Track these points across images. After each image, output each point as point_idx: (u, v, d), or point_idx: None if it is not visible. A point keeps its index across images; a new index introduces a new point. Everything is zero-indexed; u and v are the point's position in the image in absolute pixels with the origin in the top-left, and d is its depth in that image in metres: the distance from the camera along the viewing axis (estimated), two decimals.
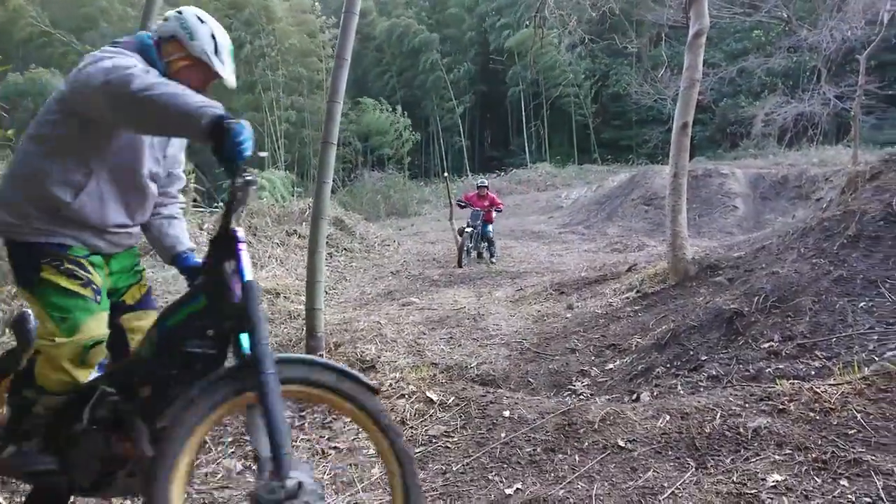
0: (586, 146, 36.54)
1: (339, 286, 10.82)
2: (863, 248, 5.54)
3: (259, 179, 15.38)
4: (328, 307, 8.92)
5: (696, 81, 6.76)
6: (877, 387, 2.80)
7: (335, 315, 7.91)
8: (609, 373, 5.40)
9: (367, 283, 11.15)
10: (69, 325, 2.07)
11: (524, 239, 17.11)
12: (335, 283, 11.02)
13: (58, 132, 2.14)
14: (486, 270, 11.50)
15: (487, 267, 12.03)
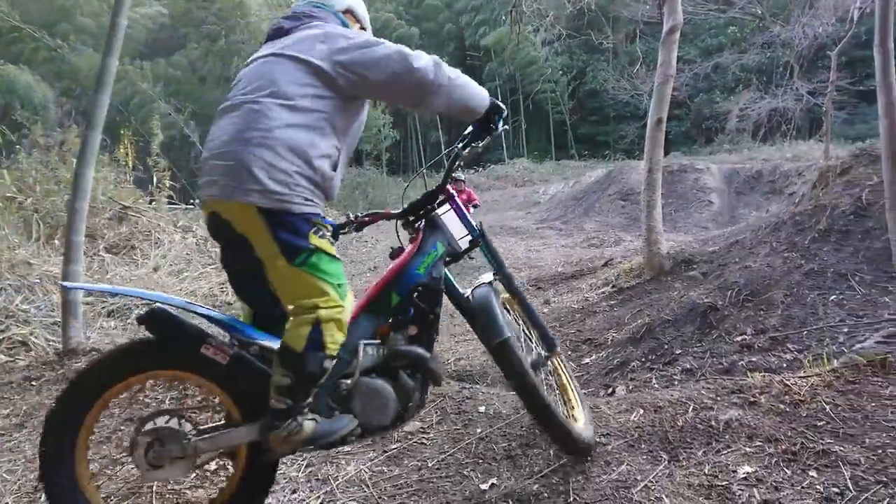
0: (563, 142, 36.69)
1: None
2: (833, 241, 5.63)
3: None
4: None
5: (671, 77, 6.81)
6: (845, 379, 2.84)
7: None
8: (585, 367, 5.43)
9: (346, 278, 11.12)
10: (343, 289, 2.24)
11: (502, 234, 17.12)
12: None
13: (318, 106, 2.21)
14: (464, 265, 11.48)
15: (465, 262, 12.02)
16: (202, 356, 2.16)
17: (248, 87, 2.26)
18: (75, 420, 2.15)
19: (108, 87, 5.04)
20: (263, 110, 2.18)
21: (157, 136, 12.55)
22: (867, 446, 2.42)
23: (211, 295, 7.89)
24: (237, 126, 2.19)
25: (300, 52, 2.25)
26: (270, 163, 2.12)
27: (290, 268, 2.16)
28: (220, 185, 2.18)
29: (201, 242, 9.31)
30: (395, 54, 2.23)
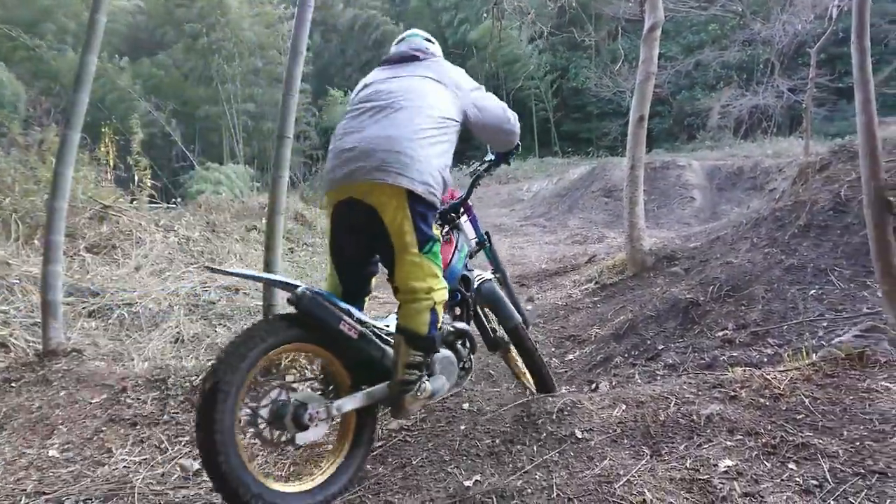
0: (547, 139, 36.72)
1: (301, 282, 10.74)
2: (813, 237, 5.69)
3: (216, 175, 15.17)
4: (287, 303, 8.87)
5: (652, 74, 6.85)
6: (824, 372, 2.88)
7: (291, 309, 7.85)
8: (569, 364, 5.45)
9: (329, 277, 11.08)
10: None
11: None
12: (296, 278, 10.91)
13: (450, 126, 2.79)
14: None
15: None
16: (339, 331, 2.58)
17: (397, 96, 2.74)
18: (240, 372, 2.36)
19: (88, 85, 4.99)
20: (416, 118, 2.66)
21: (137, 134, 12.45)
22: (845, 439, 2.45)
23: (193, 294, 7.83)
24: (394, 123, 2.66)
25: (447, 81, 2.86)
26: (423, 160, 2.60)
27: (419, 255, 2.62)
28: (372, 168, 2.57)
29: (183, 242, 9.25)
30: (502, 107, 3.11)
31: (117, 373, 4.51)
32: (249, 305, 7.76)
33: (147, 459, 3.32)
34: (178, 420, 3.74)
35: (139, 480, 3.02)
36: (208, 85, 28.57)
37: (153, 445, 3.47)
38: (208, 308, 7.58)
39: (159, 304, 7.28)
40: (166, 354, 6.23)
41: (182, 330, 6.82)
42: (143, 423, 3.73)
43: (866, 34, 3.49)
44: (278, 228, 3.96)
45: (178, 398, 3.98)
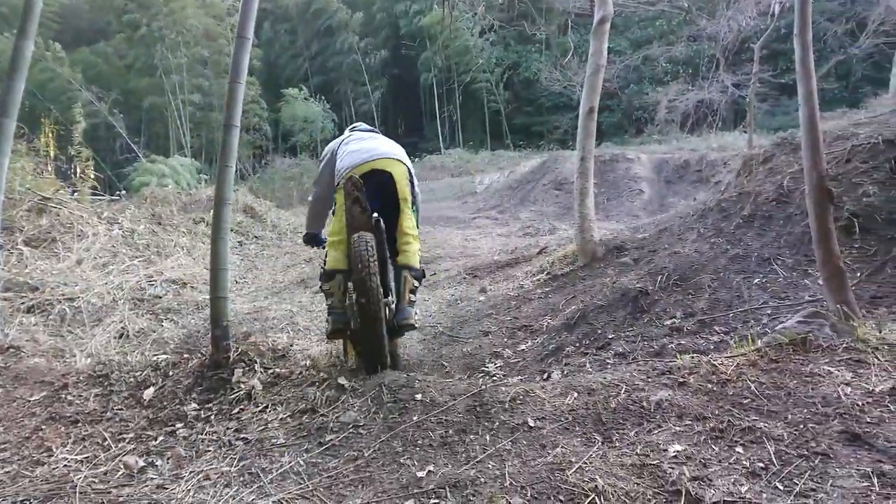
0: (499, 132, 36.92)
1: (250, 275, 10.54)
2: (757, 227, 5.83)
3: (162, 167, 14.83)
4: (238, 296, 8.70)
5: (601, 67, 6.91)
6: (769, 357, 2.94)
7: (246, 304, 7.72)
8: (521, 353, 5.48)
9: (280, 271, 10.90)
10: None
11: (439, 225, 17.15)
12: (246, 271, 10.74)
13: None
14: None
15: None
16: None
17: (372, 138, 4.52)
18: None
19: (23, 71, 4.79)
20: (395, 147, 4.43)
21: (79, 124, 12.05)
22: (789, 422, 2.50)
23: (139, 288, 7.63)
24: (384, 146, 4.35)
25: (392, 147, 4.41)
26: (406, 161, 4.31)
27: (410, 210, 4.17)
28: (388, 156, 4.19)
29: (127, 235, 8.99)
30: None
31: (58, 369, 4.35)
32: (197, 299, 7.59)
33: (89, 458, 3.20)
34: (122, 417, 3.62)
35: (80, 479, 2.91)
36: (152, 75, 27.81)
37: (95, 443, 3.34)
38: (154, 302, 7.39)
39: (102, 298, 7.07)
40: (110, 350, 6.05)
41: (127, 325, 6.63)
42: (85, 420, 3.60)
43: (808, 29, 3.56)
44: (225, 219, 3.85)
45: (121, 394, 3.85)
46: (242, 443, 3.10)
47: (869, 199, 5.28)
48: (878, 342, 2.87)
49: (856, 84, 29.78)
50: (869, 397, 2.54)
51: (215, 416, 3.40)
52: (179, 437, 3.24)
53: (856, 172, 5.56)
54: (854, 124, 6.71)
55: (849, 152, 5.78)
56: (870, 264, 4.94)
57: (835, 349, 2.89)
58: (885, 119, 6.55)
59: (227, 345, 3.78)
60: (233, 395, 3.53)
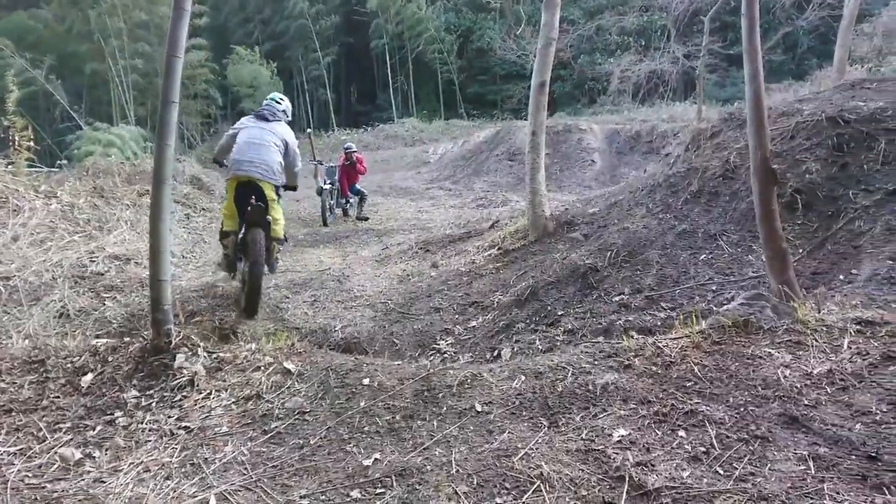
0: (452, 101, 36.66)
1: (198, 249, 10.27)
2: (704, 203, 5.90)
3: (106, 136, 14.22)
4: (186, 272, 8.49)
5: (553, 40, 6.85)
6: (712, 340, 2.98)
7: (193, 281, 7.52)
8: (472, 330, 5.48)
9: None
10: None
11: (392, 195, 17.01)
12: (193, 245, 10.46)
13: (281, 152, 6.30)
14: (353, 229, 11.33)
15: (354, 225, 11.87)
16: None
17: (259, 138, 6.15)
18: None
19: None
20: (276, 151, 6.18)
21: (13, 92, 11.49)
22: (731, 405, 2.54)
23: (80, 265, 7.36)
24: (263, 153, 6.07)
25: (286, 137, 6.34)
26: (275, 169, 6.09)
27: (276, 204, 6.11)
28: (259, 171, 5.99)
29: (67, 209, 8.64)
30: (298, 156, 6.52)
31: None
32: (141, 276, 7.36)
33: (23, 450, 3.07)
34: (59, 405, 3.48)
35: (13, 473, 2.80)
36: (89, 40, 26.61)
37: (30, 434, 3.21)
38: (96, 280, 7.14)
39: (41, 276, 6.81)
40: (49, 331, 5.83)
41: (67, 304, 6.40)
42: (19, 409, 3.45)
43: (755, 7, 3.56)
44: (164, 198, 3.70)
45: (58, 381, 3.70)
46: (184, 432, 3.02)
47: (811, 177, 5.38)
48: (817, 324, 2.93)
49: (802, 56, 30.40)
50: (807, 379, 2.60)
51: (156, 403, 3.30)
52: (119, 426, 3.13)
53: (800, 149, 5.66)
54: (799, 100, 6.83)
55: (793, 129, 5.87)
56: (811, 241, 5.06)
57: (775, 331, 2.94)
58: (828, 96, 6.67)
59: (168, 329, 3.66)
60: (175, 381, 3.42)
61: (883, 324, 2.84)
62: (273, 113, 6.42)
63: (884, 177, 5.19)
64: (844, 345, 2.76)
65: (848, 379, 2.54)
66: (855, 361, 2.63)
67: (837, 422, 2.35)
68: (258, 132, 6.16)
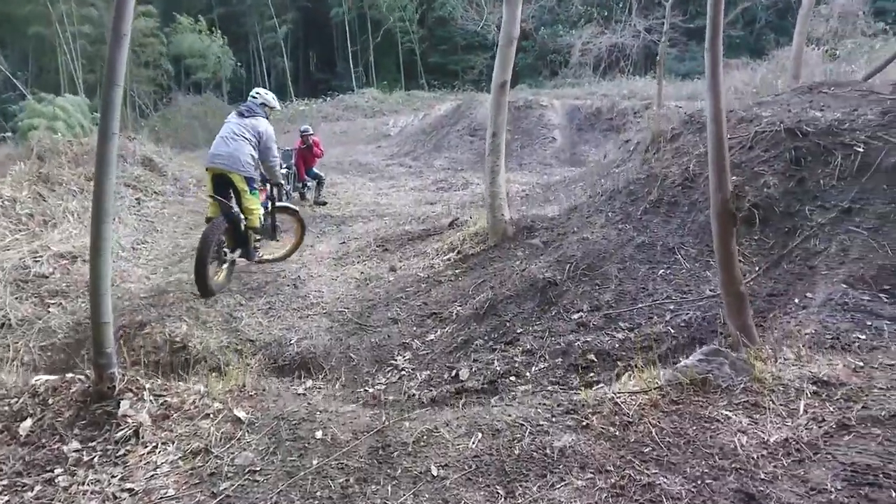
0: (413, 71, 36.11)
1: (150, 239, 9.97)
2: (663, 213, 5.89)
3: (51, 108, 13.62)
4: (136, 266, 8.25)
5: (515, 39, 6.70)
6: (670, 398, 2.95)
7: (143, 282, 7.29)
8: (430, 345, 5.42)
9: (181, 233, 10.36)
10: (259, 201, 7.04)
11: (351, 173, 16.73)
12: (145, 234, 10.14)
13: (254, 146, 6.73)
14: (311, 215, 11.10)
15: (312, 210, 11.63)
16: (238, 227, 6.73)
17: (229, 133, 6.64)
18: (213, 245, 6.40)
19: None
20: (244, 144, 6.61)
21: None
22: (688, 477, 2.52)
23: (22, 267, 7.06)
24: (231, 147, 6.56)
25: (259, 129, 6.75)
26: (242, 161, 6.54)
27: (249, 194, 6.67)
28: (225, 163, 6.53)
29: (8, 204, 8.26)
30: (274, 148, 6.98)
31: None
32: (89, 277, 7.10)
33: None
34: None
35: None
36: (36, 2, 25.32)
37: None
38: (40, 283, 6.87)
39: None
40: None
41: (8, 312, 6.15)
42: None
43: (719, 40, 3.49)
44: (105, 234, 3.49)
45: None
46: (128, 495, 2.90)
47: (769, 191, 5.40)
48: (774, 382, 2.92)
49: (760, 31, 30.60)
50: (764, 449, 2.59)
51: (99, 458, 3.15)
52: (59, 486, 2.99)
53: (758, 161, 5.66)
54: (758, 103, 6.83)
55: (752, 139, 5.86)
56: (767, 258, 5.09)
57: (733, 390, 2.92)
58: (786, 100, 6.68)
59: (112, 373, 3.49)
60: (119, 431, 3.28)
61: (839, 385, 2.84)
62: (249, 108, 6.87)
63: (839, 193, 5.22)
64: (801, 408, 2.76)
65: (804, 450, 2.54)
66: (811, 429, 2.63)
67: (793, 500, 2.34)
68: (231, 127, 6.70)
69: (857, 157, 5.31)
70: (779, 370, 3.03)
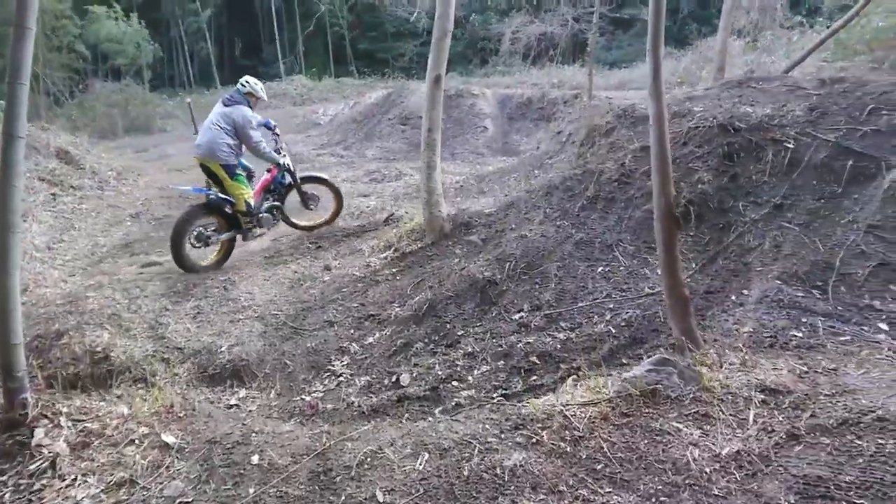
0: (343, 58, 35.49)
1: (67, 238, 9.42)
2: (600, 209, 5.88)
3: None
4: (52, 268, 7.79)
5: (449, 31, 6.57)
6: (620, 410, 2.89)
7: (58, 287, 6.85)
8: (369, 348, 5.25)
9: (101, 231, 9.85)
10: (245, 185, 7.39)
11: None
12: (61, 233, 9.59)
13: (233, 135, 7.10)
14: None
15: None
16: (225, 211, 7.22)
17: (208, 123, 7.06)
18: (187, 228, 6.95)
19: None
20: (219, 132, 6.97)
21: None
22: (642, 495, 2.47)
23: None
24: (207, 136, 6.99)
25: (234, 117, 7.02)
26: (218, 149, 6.94)
27: (230, 180, 7.13)
28: (201, 153, 7.02)
29: None
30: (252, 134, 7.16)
31: None
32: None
33: None
34: None
35: None
36: None
37: None
38: None
39: None
40: None
41: None
42: None
43: (660, 44, 3.44)
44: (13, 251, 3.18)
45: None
46: None
47: (703, 187, 5.44)
48: (723, 391, 2.90)
49: (683, 20, 31.35)
50: (716, 462, 2.56)
51: (11, 494, 2.88)
52: None
53: (692, 157, 5.70)
54: (689, 98, 6.89)
55: (685, 134, 5.90)
56: (703, 254, 5.13)
57: (682, 400, 2.89)
58: (716, 94, 6.76)
59: (24, 399, 3.20)
60: (33, 463, 3.00)
61: (786, 392, 2.84)
62: (231, 97, 7.23)
63: (771, 189, 5.31)
64: (750, 418, 2.74)
65: (756, 462, 2.52)
66: (762, 440, 2.62)
67: None
68: (211, 117, 7.12)
69: (788, 153, 5.40)
70: (726, 377, 3.02)
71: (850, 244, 4.64)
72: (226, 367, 5.18)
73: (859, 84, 6.04)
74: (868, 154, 5.15)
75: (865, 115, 5.47)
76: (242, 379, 5.07)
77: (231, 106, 7.10)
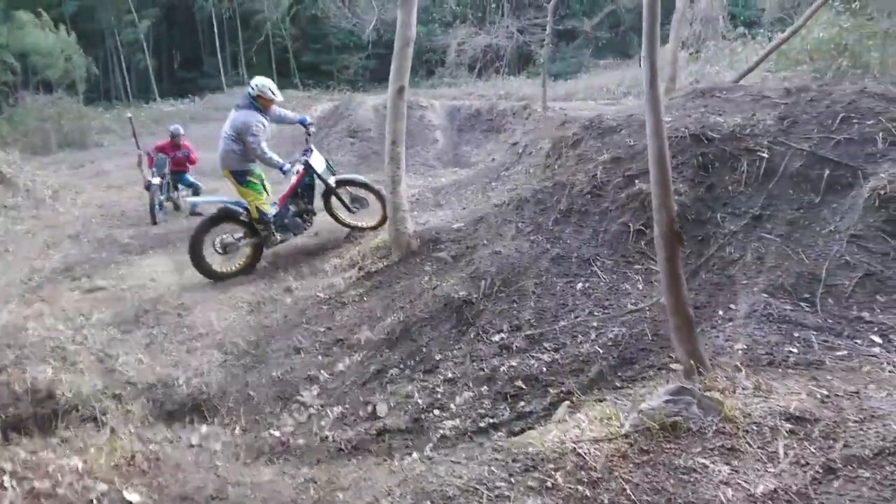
0: (286, 70, 34.85)
1: (0, 262, 8.80)
2: (574, 222, 5.70)
3: None
4: None
5: (411, 40, 6.32)
6: (639, 447, 2.66)
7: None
8: (340, 376, 4.93)
9: (38, 254, 9.23)
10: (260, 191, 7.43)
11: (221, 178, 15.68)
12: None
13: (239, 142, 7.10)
14: (187, 226, 10.18)
15: (188, 221, 10.70)
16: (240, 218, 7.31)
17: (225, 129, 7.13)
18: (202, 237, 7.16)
19: None
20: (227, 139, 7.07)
21: None
22: None
23: None
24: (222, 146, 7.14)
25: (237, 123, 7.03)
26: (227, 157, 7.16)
27: (243, 188, 7.26)
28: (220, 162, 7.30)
29: None
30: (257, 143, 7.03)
31: None
32: None
33: None
34: None
35: None
36: None
37: None
38: None
39: None
40: None
41: None
42: None
43: (655, 51, 3.25)
44: None
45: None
46: None
47: (681, 198, 5.30)
48: (746, 421, 2.69)
49: (624, 33, 31.91)
50: (752, 503, 2.34)
51: None
52: None
53: None
54: None
55: None
56: (685, 268, 4.96)
57: (705, 433, 2.67)
58: (681, 104, 6.69)
59: None
60: None
61: (813, 421, 2.66)
62: (242, 99, 7.22)
63: (748, 199, 5.23)
64: (780, 451, 2.54)
65: (794, 501, 2.31)
66: (796, 475, 2.42)
67: None
68: (225, 124, 7.20)
69: (762, 163, 5.33)
70: (745, 405, 2.82)
71: (833, 255, 4.56)
72: (184, 402, 4.80)
73: (825, 93, 6.03)
74: (843, 163, 5.11)
75: (837, 123, 5.44)
76: (203, 414, 4.69)
77: (239, 111, 7.10)
